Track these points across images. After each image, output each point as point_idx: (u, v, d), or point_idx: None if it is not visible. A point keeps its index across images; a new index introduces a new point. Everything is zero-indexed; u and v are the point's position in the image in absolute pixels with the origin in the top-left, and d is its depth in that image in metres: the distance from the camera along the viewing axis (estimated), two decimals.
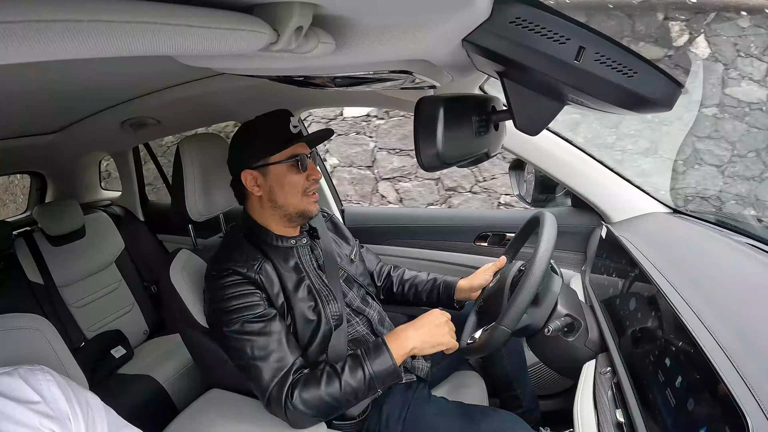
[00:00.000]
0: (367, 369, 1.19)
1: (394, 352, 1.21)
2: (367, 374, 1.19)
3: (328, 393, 1.17)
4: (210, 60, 0.77)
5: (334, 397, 1.18)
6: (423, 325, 1.25)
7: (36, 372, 0.79)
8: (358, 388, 1.19)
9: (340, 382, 1.18)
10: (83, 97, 1.58)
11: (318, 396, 1.17)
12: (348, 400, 1.20)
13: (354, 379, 1.19)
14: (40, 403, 0.74)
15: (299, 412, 1.17)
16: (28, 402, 0.73)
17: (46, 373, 0.80)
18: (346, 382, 1.18)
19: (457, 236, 2.06)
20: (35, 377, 0.77)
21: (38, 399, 0.74)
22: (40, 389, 0.76)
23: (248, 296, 1.26)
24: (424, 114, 0.79)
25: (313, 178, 1.36)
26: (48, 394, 0.76)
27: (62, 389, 0.79)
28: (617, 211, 1.66)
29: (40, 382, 0.77)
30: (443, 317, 1.27)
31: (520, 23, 0.62)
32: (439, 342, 1.24)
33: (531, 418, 1.65)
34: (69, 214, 2.23)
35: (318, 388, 1.18)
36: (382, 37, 0.67)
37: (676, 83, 0.69)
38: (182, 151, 1.46)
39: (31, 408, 0.72)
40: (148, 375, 1.99)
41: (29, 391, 0.74)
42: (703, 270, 1.10)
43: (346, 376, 1.19)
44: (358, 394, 1.20)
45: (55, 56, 0.37)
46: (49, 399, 0.76)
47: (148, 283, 2.57)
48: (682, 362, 0.81)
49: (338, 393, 1.18)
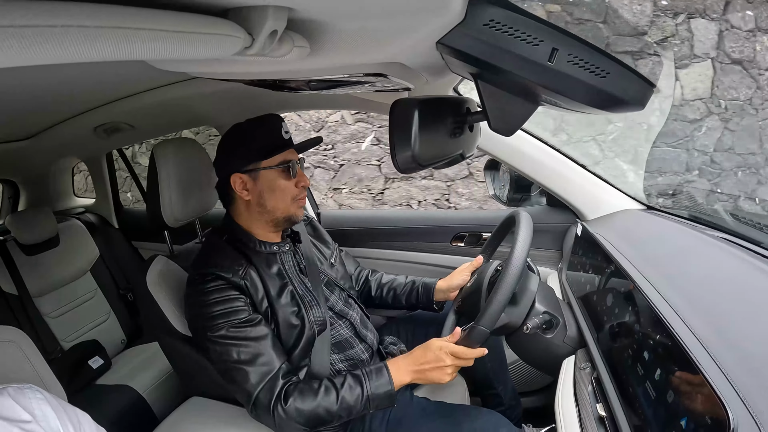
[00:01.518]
0: (366, 388, 1.20)
1: (394, 378, 1.23)
2: (365, 393, 1.20)
3: (323, 406, 1.18)
4: (184, 64, 0.77)
5: (329, 411, 1.18)
6: (425, 363, 1.24)
7: (26, 391, 0.77)
8: (354, 406, 1.20)
9: (337, 397, 1.19)
10: (55, 102, 1.56)
11: (313, 407, 1.17)
12: (340, 416, 1.20)
13: (351, 396, 1.20)
14: (31, 422, 0.72)
15: (290, 419, 1.17)
16: (19, 421, 0.71)
17: (36, 391, 0.79)
18: (343, 398, 1.19)
19: (434, 237, 2.07)
20: (25, 396, 0.76)
21: (29, 418, 0.73)
22: (31, 408, 0.75)
23: (232, 301, 1.25)
24: (399, 116, 0.79)
25: (302, 185, 1.37)
26: (39, 413, 0.75)
27: (53, 408, 0.77)
28: (592, 209, 1.69)
29: (31, 401, 0.76)
30: (448, 359, 1.22)
31: (493, 26, 0.63)
32: (438, 381, 1.24)
33: (512, 416, 1.66)
34: (42, 223, 2.18)
35: (314, 399, 1.18)
36: (356, 40, 0.67)
37: (648, 83, 0.71)
38: (157, 156, 1.44)
39: (23, 427, 0.70)
40: (127, 385, 1.95)
41: (20, 410, 0.73)
42: (678, 264, 1.12)
43: (344, 391, 1.20)
44: (352, 411, 1.20)
45: (28, 62, 0.36)
46: (40, 418, 0.74)
47: (124, 291, 2.53)
48: (660, 355, 0.83)
49: (333, 407, 1.18)
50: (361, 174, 5.05)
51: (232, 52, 0.53)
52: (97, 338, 2.23)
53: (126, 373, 2.06)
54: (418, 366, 1.25)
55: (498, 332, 1.24)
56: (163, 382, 2.04)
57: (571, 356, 1.20)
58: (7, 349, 1.11)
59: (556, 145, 1.68)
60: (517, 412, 1.71)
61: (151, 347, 2.20)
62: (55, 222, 2.24)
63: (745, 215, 1.28)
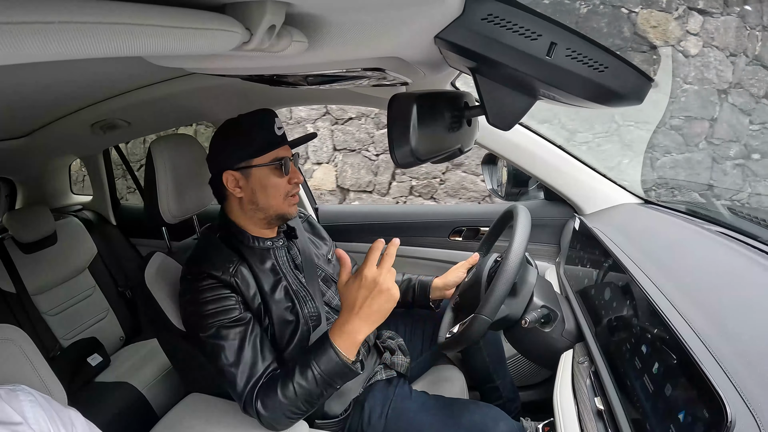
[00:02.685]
0: (315, 369, 1.15)
1: (342, 346, 1.15)
2: (316, 373, 1.14)
3: (285, 396, 1.15)
4: (181, 60, 0.76)
5: (292, 400, 1.15)
6: (360, 300, 1.13)
7: (17, 392, 0.77)
8: (312, 389, 1.15)
9: (293, 385, 1.15)
10: (52, 99, 1.55)
11: (277, 401, 1.15)
12: (308, 401, 1.16)
13: (305, 380, 1.15)
14: (22, 424, 0.72)
15: (268, 416, 1.16)
16: (10, 423, 0.71)
17: (27, 393, 0.78)
18: (298, 384, 1.15)
19: (432, 231, 2.08)
20: (16, 398, 0.76)
21: (20, 420, 0.73)
22: (22, 410, 0.75)
23: (223, 300, 1.24)
24: (397, 111, 0.79)
25: (296, 182, 1.36)
26: (30, 415, 0.75)
27: (44, 409, 0.77)
28: (589, 203, 1.69)
29: (22, 403, 0.76)
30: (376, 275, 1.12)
31: (492, 20, 0.63)
32: (388, 302, 1.13)
33: (511, 409, 1.67)
34: (40, 220, 2.18)
35: (276, 393, 1.16)
36: (354, 34, 0.67)
37: (646, 77, 0.71)
38: (154, 152, 1.43)
39: (14, 429, 0.70)
40: (126, 382, 1.96)
41: (11, 412, 0.73)
42: (675, 258, 1.12)
43: (297, 378, 1.15)
44: (314, 394, 1.16)
45: (25, 59, 0.36)
46: (32, 420, 0.74)
47: (122, 288, 2.53)
48: (658, 349, 0.83)
49: (293, 396, 1.15)
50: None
51: (229, 47, 0.52)
52: (96, 335, 2.23)
53: (125, 370, 2.06)
54: (356, 311, 1.13)
55: (497, 325, 1.24)
56: (162, 378, 2.04)
57: (570, 350, 1.21)
58: (6, 348, 1.10)
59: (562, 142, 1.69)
60: (515, 406, 1.72)
61: (150, 344, 2.20)
62: (52, 220, 2.24)
63: (743, 209, 1.28)
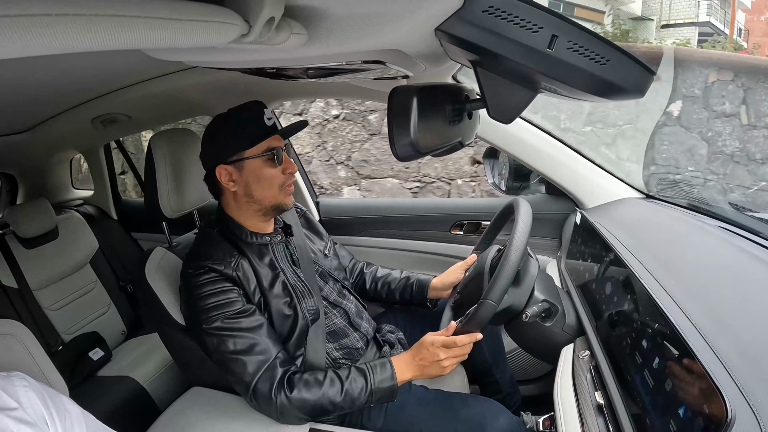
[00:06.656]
0: (371, 382, 1.22)
1: (397, 374, 1.25)
2: (369, 386, 1.22)
3: (327, 396, 1.19)
4: (180, 53, 0.76)
5: (332, 402, 1.20)
6: (422, 360, 1.25)
7: (12, 378, 0.78)
8: (357, 398, 1.21)
9: (341, 388, 1.21)
10: (53, 94, 1.55)
11: (317, 398, 1.19)
12: (342, 407, 1.22)
13: (355, 388, 1.21)
14: (17, 409, 0.73)
15: (294, 408, 1.18)
16: (5, 408, 0.72)
17: (21, 378, 0.79)
18: (347, 390, 1.21)
19: (433, 225, 2.07)
20: (11, 383, 0.77)
21: (15, 405, 0.73)
22: (17, 395, 0.75)
23: (226, 293, 1.25)
24: (398, 104, 0.79)
25: (290, 172, 1.35)
26: (25, 400, 0.75)
27: (39, 395, 0.78)
28: (591, 197, 1.69)
29: (17, 389, 0.76)
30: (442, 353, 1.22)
31: (493, 12, 0.62)
32: (438, 374, 1.26)
33: (511, 403, 1.68)
34: (41, 215, 2.17)
35: (319, 389, 1.20)
36: (354, 26, 0.66)
37: (648, 70, 0.71)
38: (154, 147, 1.43)
39: (9, 414, 0.71)
40: (128, 376, 1.96)
41: (6, 397, 0.74)
42: (676, 253, 1.12)
43: (348, 383, 1.21)
44: (355, 403, 1.22)
45: (24, 53, 0.36)
46: (26, 405, 0.75)
47: (123, 282, 2.53)
48: (659, 344, 0.83)
49: (337, 398, 1.20)
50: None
51: (228, 39, 0.52)
52: (97, 330, 2.23)
53: (127, 364, 2.06)
54: (416, 363, 1.26)
55: (498, 319, 1.24)
56: (164, 372, 2.05)
57: (570, 344, 1.21)
58: (8, 343, 1.11)
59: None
60: (515, 400, 1.72)
61: (152, 338, 2.20)
62: (53, 214, 2.23)
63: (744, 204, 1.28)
